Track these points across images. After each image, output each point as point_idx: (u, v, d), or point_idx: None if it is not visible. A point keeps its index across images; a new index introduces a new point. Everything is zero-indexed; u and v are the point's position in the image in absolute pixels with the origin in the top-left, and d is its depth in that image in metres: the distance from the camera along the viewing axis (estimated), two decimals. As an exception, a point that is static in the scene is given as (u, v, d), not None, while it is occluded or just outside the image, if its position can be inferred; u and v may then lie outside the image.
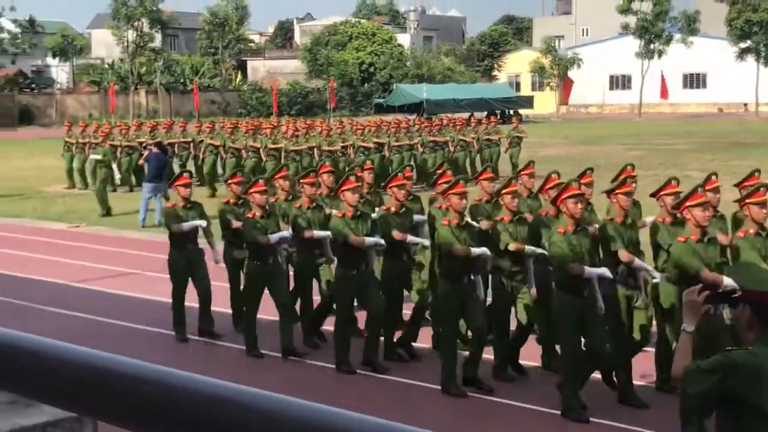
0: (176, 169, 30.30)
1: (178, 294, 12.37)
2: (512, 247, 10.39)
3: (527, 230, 10.64)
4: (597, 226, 10.46)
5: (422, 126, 30.82)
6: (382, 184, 13.46)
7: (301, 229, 11.78)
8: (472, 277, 10.25)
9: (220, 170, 28.68)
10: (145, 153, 24.77)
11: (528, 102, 77.75)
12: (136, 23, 75.47)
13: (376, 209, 12.26)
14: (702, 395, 4.79)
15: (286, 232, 11.64)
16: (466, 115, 51.19)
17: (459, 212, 10.32)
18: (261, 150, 26.63)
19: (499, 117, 58.84)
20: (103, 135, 27.62)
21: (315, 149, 26.70)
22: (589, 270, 9.44)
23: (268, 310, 11.91)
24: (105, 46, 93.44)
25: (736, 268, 6.10)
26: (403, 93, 72.82)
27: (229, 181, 13.25)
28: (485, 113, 59.70)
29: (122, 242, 20.42)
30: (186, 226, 12.31)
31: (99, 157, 25.95)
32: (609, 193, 10.48)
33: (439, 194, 11.62)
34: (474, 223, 10.93)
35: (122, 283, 15.98)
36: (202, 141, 29.55)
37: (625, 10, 76.63)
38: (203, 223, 12.53)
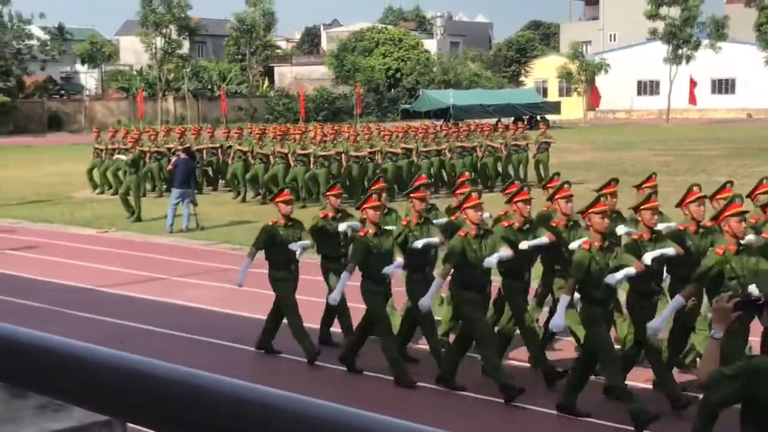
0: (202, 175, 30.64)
1: (295, 312, 11.62)
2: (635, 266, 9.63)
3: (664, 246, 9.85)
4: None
5: (450, 131, 30.80)
6: (405, 191, 13.10)
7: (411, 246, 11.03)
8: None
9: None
10: (174, 159, 24.89)
11: (555, 107, 77.64)
12: (164, 30, 75.86)
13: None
14: (726, 401, 4.80)
15: (400, 259, 10.75)
16: (492, 120, 51.14)
17: (602, 233, 9.61)
18: (289, 155, 26.68)
19: (526, 123, 58.80)
20: (133, 141, 27.78)
21: (342, 155, 26.72)
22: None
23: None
24: (133, 52, 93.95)
25: (764, 275, 5.99)
26: (429, 99, 72.87)
27: (328, 193, 12.41)
28: (512, 119, 59.66)
29: (150, 247, 20.50)
30: (292, 248, 11.63)
31: (124, 158, 26.08)
32: (765, 207, 9.91)
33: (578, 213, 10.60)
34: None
35: (150, 288, 16.04)
36: (230, 147, 29.67)
37: (652, 16, 76.41)
38: (308, 243, 11.81)
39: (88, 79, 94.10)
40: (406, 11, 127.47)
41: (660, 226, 10.29)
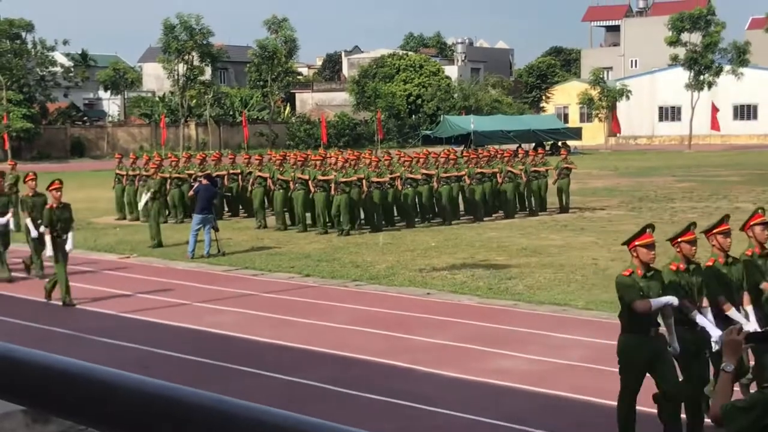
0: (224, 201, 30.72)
1: (629, 395, 9.07)
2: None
3: None
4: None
5: (470, 157, 30.79)
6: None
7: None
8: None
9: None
10: (195, 185, 24.98)
11: (576, 133, 77.54)
12: (186, 57, 76.33)
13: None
14: None
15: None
16: (513, 146, 51.12)
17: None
18: (309, 181, 26.71)
19: (549, 149, 58.72)
20: (154, 167, 27.91)
21: (363, 181, 26.73)
22: None
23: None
24: (156, 79, 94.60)
25: None
26: (450, 124, 72.91)
27: (680, 239, 9.55)
28: (533, 144, 59.62)
29: (172, 273, 20.53)
30: (655, 303, 8.98)
31: (149, 195, 26.13)
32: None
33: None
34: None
35: (172, 314, 16.05)
36: (250, 173, 29.75)
37: (673, 42, 76.30)
38: (673, 300, 9.08)
39: (111, 105, 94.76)
40: (426, 37, 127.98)
41: None
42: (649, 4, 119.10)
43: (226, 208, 31.12)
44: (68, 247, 17.08)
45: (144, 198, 26.99)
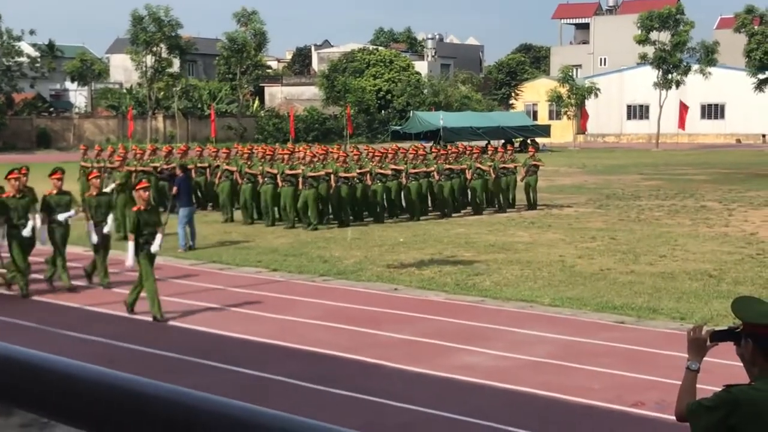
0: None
1: None
2: None
3: None
4: None
5: (439, 153, 30.82)
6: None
7: None
8: None
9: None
10: (164, 174, 24.77)
11: (545, 131, 77.77)
12: (154, 48, 75.95)
13: None
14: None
15: None
16: (483, 143, 51.24)
17: None
18: (278, 176, 26.64)
19: (518, 146, 58.95)
20: (120, 159, 27.70)
21: (331, 175, 26.70)
22: None
23: None
24: (123, 70, 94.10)
25: (740, 302, 5.90)
26: (420, 120, 72.93)
27: None
28: (502, 141, 59.79)
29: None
30: None
31: (113, 185, 25.94)
32: None
33: None
34: None
35: (138, 308, 15.93)
36: (218, 167, 29.63)
37: (642, 41, 76.70)
38: None
39: (78, 96, 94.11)
40: (397, 33, 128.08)
41: None
42: (618, 3, 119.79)
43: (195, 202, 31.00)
44: (154, 248, 15.35)
45: (110, 187, 26.83)
